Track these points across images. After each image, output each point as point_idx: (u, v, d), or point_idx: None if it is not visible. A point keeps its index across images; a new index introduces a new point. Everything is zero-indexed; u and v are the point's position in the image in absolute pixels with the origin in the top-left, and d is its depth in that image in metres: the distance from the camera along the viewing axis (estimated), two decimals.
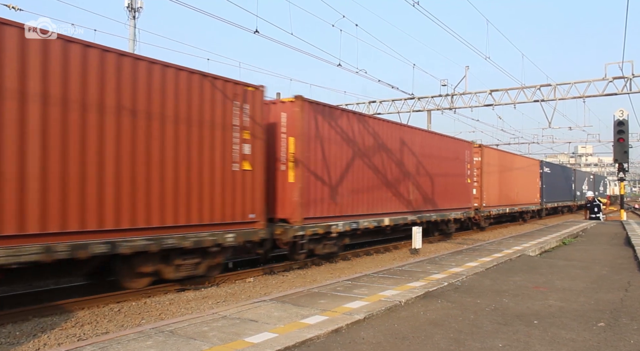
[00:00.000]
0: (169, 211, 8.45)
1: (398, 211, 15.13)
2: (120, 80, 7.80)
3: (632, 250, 12.17)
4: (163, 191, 8.38)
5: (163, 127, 8.42)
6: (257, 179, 10.21)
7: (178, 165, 8.63)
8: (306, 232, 11.37)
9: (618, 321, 5.54)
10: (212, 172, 9.24)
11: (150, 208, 8.18)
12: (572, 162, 77.56)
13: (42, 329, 6.50)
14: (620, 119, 20.43)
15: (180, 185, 8.64)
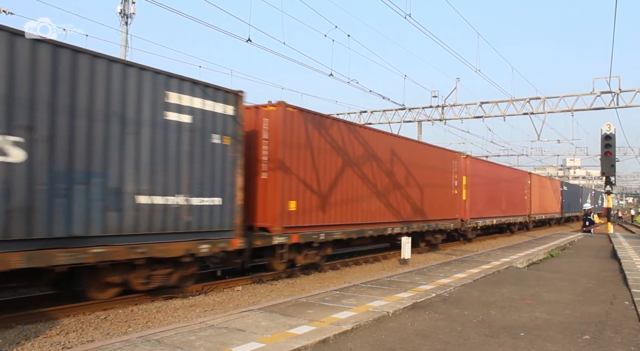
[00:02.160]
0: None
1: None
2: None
3: (617, 263, 12.30)
4: None
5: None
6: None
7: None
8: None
9: (603, 334, 5.59)
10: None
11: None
12: (560, 175, 78.33)
13: (26, 337, 6.41)
14: (607, 133, 20.74)
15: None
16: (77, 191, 7.29)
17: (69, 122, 7.22)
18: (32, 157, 6.80)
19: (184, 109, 8.87)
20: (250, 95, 10.41)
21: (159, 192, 8.42)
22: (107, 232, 7.64)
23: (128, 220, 7.94)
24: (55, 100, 7.05)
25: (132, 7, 18.94)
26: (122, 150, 7.87)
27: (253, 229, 10.87)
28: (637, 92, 20.47)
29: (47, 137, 6.95)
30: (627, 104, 20.73)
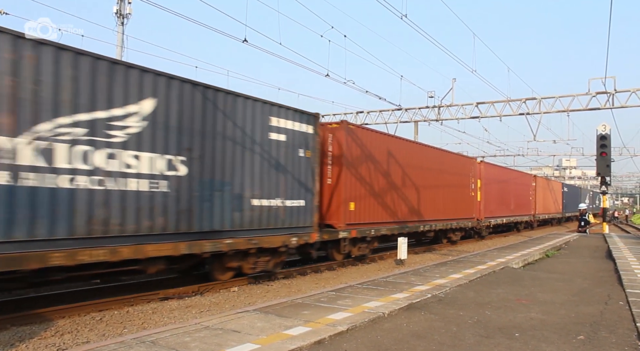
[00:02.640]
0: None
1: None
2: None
3: (612, 263, 12.34)
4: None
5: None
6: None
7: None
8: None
9: (597, 334, 5.61)
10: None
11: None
12: (556, 175, 78.55)
13: (20, 338, 6.39)
14: (602, 133, 20.79)
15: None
16: (216, 196, 9.51)
17: (211, 144, 9.43)
18: (191, 171, 8.98)
19: (281, 130, 11.14)
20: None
21: (265, 196, 10.68)
22: (233, 227, 9.88)
23: (246, 218, 10.18)
24: (203, 129, 9.27)
25: (128, 7, 18.90)
26: (242, 163, 10.14)
27: (320, 226, 12.66)
28: (633, 92, 20.56)
29: (199, 156, 9.16)
30: (623, 105, 20.82)
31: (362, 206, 13.99)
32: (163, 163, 8.52)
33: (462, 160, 22.26)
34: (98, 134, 7.58)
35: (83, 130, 7.38)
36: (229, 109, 9.79)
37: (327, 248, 13.77)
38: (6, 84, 6.52)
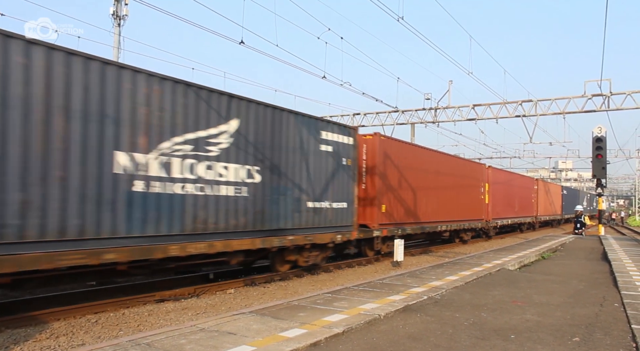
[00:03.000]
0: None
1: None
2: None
3: (608, 265, 12.38)
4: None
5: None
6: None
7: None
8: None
9: (592, 336, 5.63)
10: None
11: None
12: (552, 177, 78.75)
13: (15, 341, 6.37)
14: (598, 136, 20.88)
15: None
16: (281, 200, 11.17)
17: (277, 155, 11.11)
18: (263, 179, 10.65)
19: (329, 142, 12.81)
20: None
21: (317, 199, 12.33)
22: (293, 226, 11.51)
23: (303, 218, 11.83)
24: (272, 143, 10.97)
25: (125, 8, 18.88)
26: (300, 171, 11.78)
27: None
28: (628, 95, 20.65)
29: (269, 166, 10.83)
30: (618, 107, 20.90)
31: (391, 208, 15.64)
32: (244, 173, 10.24)
33: (473, 165, 24.49)
34: (200, 150, 9.26)
35: (190, 147, 9.07)
36: (290, 125, 11.56)
37: (361, 246, 15.45)
38: (142, 113, 8.29)
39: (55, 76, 7.13)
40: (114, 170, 7.85)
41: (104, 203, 7.69)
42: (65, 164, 7.24)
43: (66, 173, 7.26)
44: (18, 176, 6.74)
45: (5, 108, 6.62)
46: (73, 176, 7.33)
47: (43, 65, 6.99)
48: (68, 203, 7.24)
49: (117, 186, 7.88)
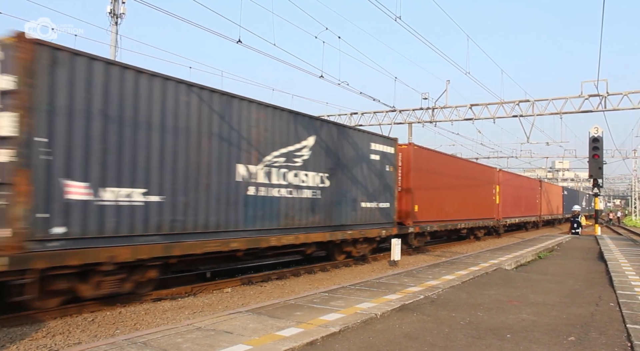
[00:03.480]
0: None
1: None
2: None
3: (604, 264, 12.43)
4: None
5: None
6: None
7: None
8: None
9: (588, 335, 5.65)
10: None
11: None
12: (549, 177, 78.91)
13: (11, 339, 6.36)
14: (595, 136, 20.94)
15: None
16: (343, 201, 13.46)
17: (341, 164, 13.47)
18: (331, 184, 12.97)
19: (377, 152, 15.13)
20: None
21: (368, 200, 14.64)
22: (351, 223, 13.85)
23: (358, 216, 14.17)
24: (337, 153, 13.33)
25: (122, 7, 18.83)
26: (356, 177, 14.03)
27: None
28: (625, 95, 20.70)
29: (335, 172, 13.15)
30: (615, 107, 20.95)
31: (422, 208, 17.89)
32: (318, 179, 12.53)
33: (486, 169, 27.05)
34: (289, 161, 11.54)
35: (283, 158, 11.36)
36: (350, 139, 13.92)
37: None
38: (254, 133, 10.57)
39: (204, 109, 9.41)
40: (236, 178, 10.15)
41: (230, 204, 9.96)
42: (209, 174, 9.49)
43: (209, 181, 9.50)
44: (182, 184, 8.96)
45: (176, 135, 8.85)
46: (213, 183, 9.57)
47: (197, 102, 9.27)
48: (210, 204, 9.50)
49: (237, 191, 10.15)
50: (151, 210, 8.40)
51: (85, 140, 7.47)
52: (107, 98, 7.79)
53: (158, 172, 8.53)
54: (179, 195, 8.82)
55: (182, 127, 8.94)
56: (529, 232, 33.94)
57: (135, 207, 8.14)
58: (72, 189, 7.28)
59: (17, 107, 6.74)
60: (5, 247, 6.57)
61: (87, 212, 7.47)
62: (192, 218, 9.06)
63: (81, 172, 7.42)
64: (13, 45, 6.79)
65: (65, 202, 7.20)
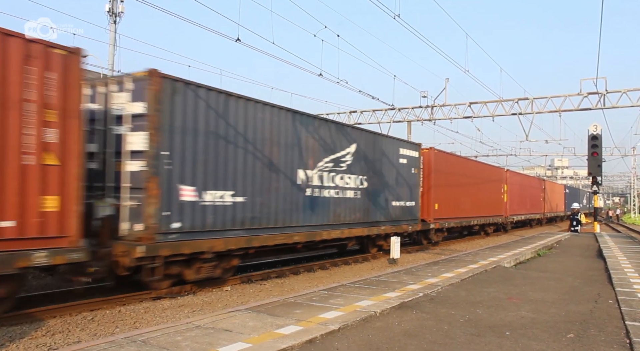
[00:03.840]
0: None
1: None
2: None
3: (603, 262, 12.44)
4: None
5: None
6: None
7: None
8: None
9: (587, 332, 5.66)
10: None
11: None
12: (548, 175, 78.95)
13: (10, 338, 6.36)
14: (594, 134, 20.93)
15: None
16: (377, 200, 15.16)
17: (375, 167, 15.13)
18: (368, 185, 14.64)
19: (404, 156, 16.87)
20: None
21: (397, 199, 16.38)
22: (384, 219, 15.61)
23: (389, 213, 15.90)
24: (373, 158, 15.03)
25: (121, 5, 18.81)
26: (387, 179, 15.80)
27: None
28: (623, 93, 20.71)
29: (371, 175, 14.84)
30: (614, 105, 20.96)
31: (441, 206, 19.48)
32: (358, 181, 14.18)
33: (495, 169, 28.80)
34: (336, 166, 13.25)
35: (331, 164, 13.04)
36: (383, 145, 15.60)
37: (418, 235, 19.24)
38: (310, 143, 12.27)
39: (274, 123, 11.13)
40: (297, 182, 11.84)
41: (293, 204, 11.70)
42: (277, 179, 11.20)
43: (278, 185, 11.21)
44: (259, 186, 10.62)
45: (255, 146, 10.56)
46: (280, 186, 11.28)
47: (269, 117, 11.00)
48: (279, 204, 11.23)
49: (298, 192, 11.87)
50: (237, 208, 10.10)
51: (193, 152, 9.13)
52: (208, 118, 9.43)
53: (242, 177, 10.22)
54: (257, 196, 10.57)
55: (259, 139, 10.67)
56: (533, 229, 35.73)
57: (226, 207, 9.85)
58: (185, 192, 8.99)
59: (148, 127, 8.36)
60: (141, 238, 8.26)
61: (194, 210, 9.16)
62: (266, 215, 10.86)
63: (190, 178, 9.09)
64: (144, 78, 8.46)
65: (180, 202, 8.90)
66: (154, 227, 8.37)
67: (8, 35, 6.46)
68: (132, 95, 8.68)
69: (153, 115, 8.39)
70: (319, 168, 12.54)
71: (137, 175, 8.46)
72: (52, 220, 6.89)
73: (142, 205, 8.37)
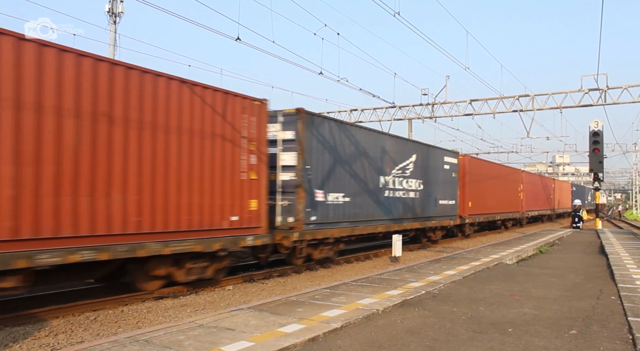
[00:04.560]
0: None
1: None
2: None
3: (605, 258, 12.43)
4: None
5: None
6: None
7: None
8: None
9: (589, 328, 5.66)
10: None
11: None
12: (550, 171, 78.85)
13: (14, 339, 6.37)
14: (595, 130, 20.91)
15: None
16: (429, 199, 18.31)
17: (428, 173, 18.31)
18: (423, 188, 17.80)
19: (447, 163, 20.15)
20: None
21: (443, 198, 19.69)
22: (434, 215, 18.80)
23: (437, 210, 19.12)
24: (427, 166, 18.07)
25: (121, 6, 18.79)
26: (436, 181, 18.87)
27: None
28: (624, 89, 20.68)
29: (425, 180, 17.96)
30: (615, 101, 20.93)
31: (473, 204, 22.81)
32: (417, 184, 17.45)
33: (513, 170, 32.40)
34: (403, 172, 16.46)
35: (400, 171, 16.26)
36: (433, 155, 19.02)
37: (453, 229, 22.11)
38: (387, 154, 15.58)
39: (366, 141, 14.56)
40: (379, 185, 15.12)
41: (377, 202, 14.96)
42: (367, 183, 14.44)
43: (368, 188, 14.51)
44: (358, 189, 13.99)
45: (355, 159, 14.00)
46: (370, 189, 14.60)
47: (363, 137, 14.56)
48: (369, 202, 14.50)
49: (380, 193, 15.13)
50: (345, 206, 13.44)
51: (322, 166, 12.53)
52: (331, 141, 12.93)
53: (348, 182, 13.61)
54: (357, 197, 13.90)
55: (358, 154, 14.11)
56: (543, 224, 39.53)
57: (339, 205, 13.22)
58: (318, 194, 12.39)
59: (297, 149, 11.73)
60: (294, 227, 11.56)
61: (323, 208, 12.53)
62: (361, 211, 14.16)
63: (321, 184, 12.46)
64: (293, 114, 11.80)
65: (316, 202, 12.26)
66: (302, 219, 11.68)
67: (235, 96, 9.93)
68: (282, 125, 11.91)
69: (301, 140, 11.72)
70: (392, 174, 15.93)
71: (288, 182, 11.81)
72: (254, 216, 10.30)
73: (293, 204, 11.70)
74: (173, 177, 8.62)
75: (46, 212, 6.85)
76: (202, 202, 9.14)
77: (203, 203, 9.14)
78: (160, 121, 8.43)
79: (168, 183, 8.55)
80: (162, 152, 8.46)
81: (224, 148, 9.59)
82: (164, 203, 8.48)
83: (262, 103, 10.57)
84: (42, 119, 6.83)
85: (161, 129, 8.45)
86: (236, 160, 9.81)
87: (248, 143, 10.07)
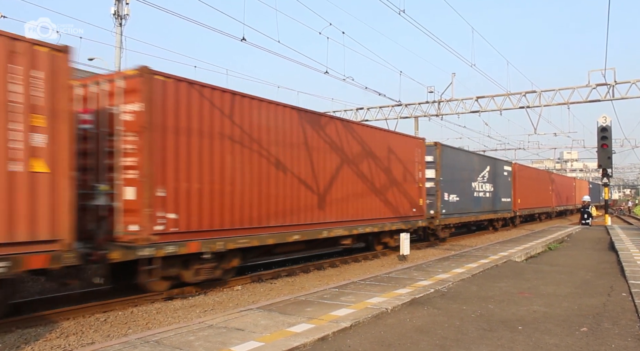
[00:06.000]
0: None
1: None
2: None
3: (615, 254, 12.34)
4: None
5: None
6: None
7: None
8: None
9: (600, 326, 5.62)
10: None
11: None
12: (557, 168, 78.38)
13: (25, 341, 6.42)
14: (603, 125, 20.74)
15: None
16: (495, 198, 25.32)
17: (495, 179, 25.30)
18: (492, 189, 24.79)
19: (506, 170, 27.13)
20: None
21: (503, 196, 26.28)
22: (498, 209, 25.85)
23: (500, 206, 26.00)
24: (495, 173, 25.40)
25: (126, 8, 18.87)
26: (499, 184, 26.13)
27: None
28: (632, 83, 20.50)
29: (492, 184, 24.81)
30: (623, 96, 20.76)
31: (521, 200, 29.09)
32: (489, 187, 23.80)
33: (544, 172, 39.44)
34: (482, 179, 23.06)
35: (481, 178, 22.97)
36: (500, 165, 26.25)
37: (506, 220, 28.29)
38: (474, 166, 22.99)
39: (458, 159, 21.14)
40: (472, 187, 21.73)
41: (471, 200, 21.65)
42: (464, 187, 21.02)
43: (467, 190, 21.30)
44: (462, 192, 20.86)
45: (457, 170, 20.80)
46: (467, 191, 21.25)
47: (465, 159, 22.34)
48: (468, 201, 21.28)
49: (472, 194, 21.73)
50: (456, 203, 19.76)
51: (447, 177, 18.99)
52: (451, 159, 19.90)
53: (458, 187, 20.21)
54: (462, 197, 20.38)
55: (462, 168, 20.77)
56: (563, 219, 43.52)
57: (454, 202, 19.63)
58: (445, 196, 18.84)
59: (435, 167, 18.33)
60: (435, 217, 18.29)
61: (447, 204, 19.01)
62: (464, 206, 20.50)
63: (448, 189, 18.96)
64: (432, 145, 18.51)
65: (444, 201, 18.77)
66: (439, 212, 18.38)
67: (414, 138, 18.30)
68: (421, 152, 17.43)
69: (437, 163, 18.45)
70: (478, 180, 22.38)
71: (429, 189, 18.02)
72: (420, 209, 17.19)
73: (433, 202, 18.25)
74: (397, 189, 15.68)
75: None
76: (404, 201, 16.10)
77: (405, 202, 16.12)
78: (383, 155, 15.08)
79: (394, 193, 15.59)
80: (389, 175, 15.41)
81: (407, 168, 16.32)
82: (395, 203, 15.55)
83: (421, 140, 17.76)
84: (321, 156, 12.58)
85: (393, 160, 15.58)
86: (414, 174, 16.78)
87: (417, 164, 17.00)
